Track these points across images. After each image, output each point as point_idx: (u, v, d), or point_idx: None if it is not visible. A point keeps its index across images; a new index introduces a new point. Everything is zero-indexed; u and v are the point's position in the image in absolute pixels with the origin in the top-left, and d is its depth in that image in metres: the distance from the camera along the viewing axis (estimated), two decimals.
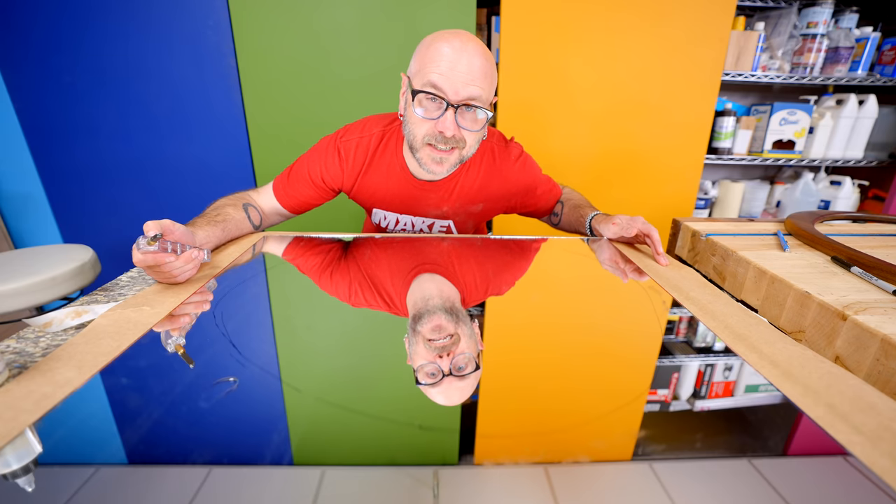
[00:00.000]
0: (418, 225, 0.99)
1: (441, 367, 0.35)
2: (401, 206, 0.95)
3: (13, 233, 1.66)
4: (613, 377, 0.62)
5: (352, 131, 0.91)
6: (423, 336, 0.39)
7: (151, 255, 0.55)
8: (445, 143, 0.77)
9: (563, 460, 0.43)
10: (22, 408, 0.36)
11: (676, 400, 0.64)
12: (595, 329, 0.71)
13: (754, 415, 0.61)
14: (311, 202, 0.95)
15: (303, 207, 0.96)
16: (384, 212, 0.97)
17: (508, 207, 1.02)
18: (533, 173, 0.99)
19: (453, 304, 0.42)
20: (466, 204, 0.95)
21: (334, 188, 0.94)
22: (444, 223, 0.99)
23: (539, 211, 1.06)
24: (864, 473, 0.33)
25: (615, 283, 0.78)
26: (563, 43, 1.54)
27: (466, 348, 0.36)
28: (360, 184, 0.92)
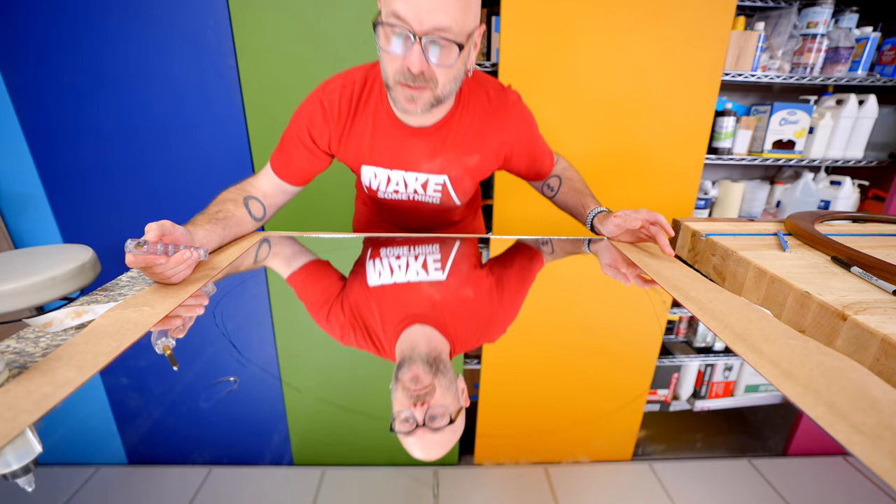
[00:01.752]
0: (411, 184, 0.91)
1: (415, 415, 0.35)
2: (391, 158, 0.87)
3: (13, 233, 1.66)
4: (613, 377, 0.62)
5: (334, 81, 0.85)
6: (402, 383, 0.39)
7: (142, 257, 0.55)
8: (414, 81, 0.70)
9: (563, 460, 0.43)
10: (22, 408, 0.36)
11: (676, 400, 0.64)
12: (595, 329, 0.71)
13: (754, 415, 0.61)
14: (308, 168, 0.90)
15: (302, 176, 0.90)
16: (374, 168, 0.89)
17: (504, 160, 0.94)
18: (531, 124, 0.92)
19: (438, 355, 0.42)
20: (461, 154, 0.88)
21: (324, 149, 0.88)
22: (439, 180, 0.90)
23: (533, 172, 1.00)
24: (864, 473, 0.33)
25: (615, 283, 0.78)
26: (563, 43, 1.54)
27: (442, 400, 0.36)
28: (348, 137, 0.86)
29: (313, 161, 0.89)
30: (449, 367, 0.41)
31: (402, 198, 0.93)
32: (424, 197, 0.93)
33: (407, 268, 0.54)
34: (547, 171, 1.01)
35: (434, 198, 0.93)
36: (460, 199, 0.95)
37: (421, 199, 0.94)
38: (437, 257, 0.59)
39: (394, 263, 0.58)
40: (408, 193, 0.92)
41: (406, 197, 0.93)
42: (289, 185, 0.91)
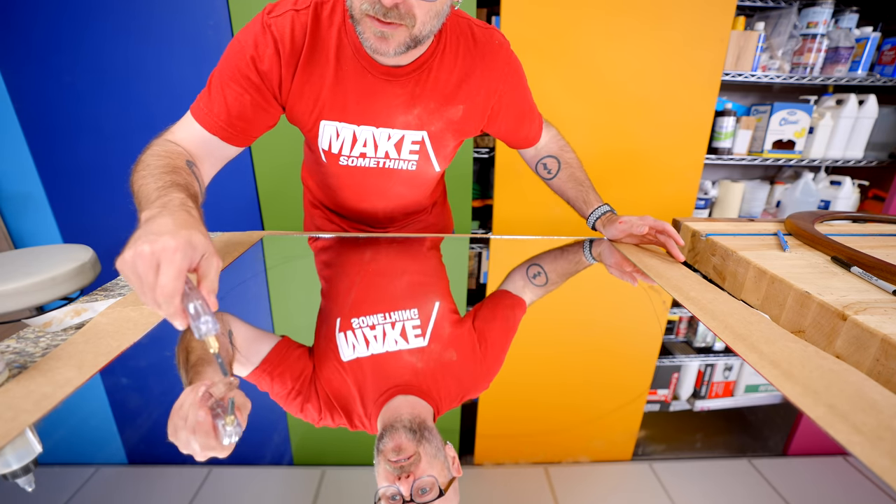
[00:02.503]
0: (382, 145, 0.74)
1: (401, 490, 0.31)
2: (358, 110, 0.70)
3: (13, 233, 1.66)
4: (613, 377, 0.62)
5: (282, 4, 0.66)
6: (384, 455, 0.36)
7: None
8: (386, 15, 0.56)
9: (564, 460, 0.43)
10: (22, 408, 0.36)
11: (676, 400, 0.64)
12: (595, 329, 0.71)
13: (754, 415, 0.61)
14: (252, 116, 0.67)
15: (243, 131, 0.68)
16: (336, 124, 0.71)
17: (490, 115, 0.78)
18: (522, 73, 0.79)
19: (422, 421, 0.39)
20: (443, 104, 0.73)
21: (273, 91, 0.67)
22: (417, 137, 0.74)
23: (521, 137, 0.87)
24: (864, 473, 0.33)
25: (615, 283, 0.78)
26: (563, 43, 1.54)
27: (430, 470, 0.33)
28: (301, 79, 0.67)
29: (259, 106, 0.67)
30: (435, 434, 0.38)
31: (369, 164, 0.76)
32: (398, 162, 0.77)
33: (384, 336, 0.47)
34: (535, 137, 0.88)
35: (409, 162, 0.77)
36: (440, 164, 0.81)
37: (393, 167, 0.77)
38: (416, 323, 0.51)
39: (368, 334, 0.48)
40: (377, 157, 0.75)
41: (375, 163, 0.76)
42: (221, 143, 0.68)
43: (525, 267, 0.85)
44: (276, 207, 1.69)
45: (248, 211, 1.69)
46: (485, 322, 0.56)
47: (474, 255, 1.04)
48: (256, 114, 0.68)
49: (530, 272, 0.82)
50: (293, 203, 1.76)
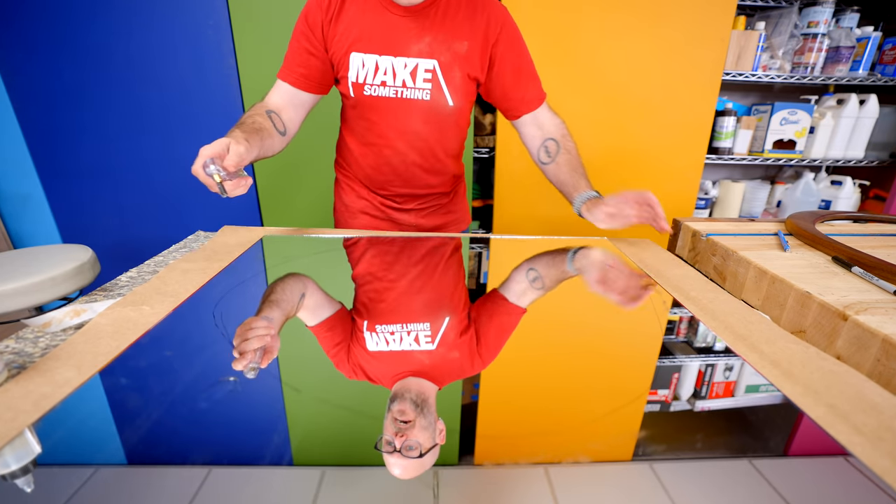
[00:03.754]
0: (400, 73, 0.87)
1: (395, 442, 0.42)
2: (379, 42, 0.85)
3: (12, 233, 1.66)
4: (614, 377, 0.62)
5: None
6: (392, 413, 0.46)
7: (204, 178, 0.70)
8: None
9: (564, 461, 0.43)
10: (21, 408, 0.36)
11: (677, 400, 0.64)
12: (595, 329, 0.71)
13: (755, 415, 0.61)
14: (310, 64, 0.88)
15: (307, 78, 0.89)
16: (363, 56, 0.86)
17: (490, 58, 0.89)
18: (516, 30, 0.91)
19: (425, 399, 0.49)
20: (450, 37, 0.86)
21: (319, 37, 0.86)
22: (429, 65, 0.87)
23: (518, 96, 0.94)
24: (864, 474, 0.33)
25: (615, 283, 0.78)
26: (563, 42, 1.53)
27: (419, 436, 0.43)
28: (337, 21, 0.85)
29: (310, 52, 0.87)
30: (432, 411, 0.47)
31: (389, 94, 0.89)
32: (414, 91, 0.89)
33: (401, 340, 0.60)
34: (533, 101, 0.96)
35: (424, 91, 0.89)
36: (453, 97, 0.90)
37: (410, 96, 0.89)
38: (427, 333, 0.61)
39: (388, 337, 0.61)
40: (395, 86, 0.88)
41: (394, 93, 0.89)
42: (296, 91, 0.89)
43: (524, 270, 0.86)
44: (276, 207, 1.69)
45: (248, 211, 1.69)
46: (482, 327, 0.65)
47: (474, 255, 1.04)
48: (308, 59, 0.87)
49: (529, 276, 0.84)
50: (293, 203, 1.76)
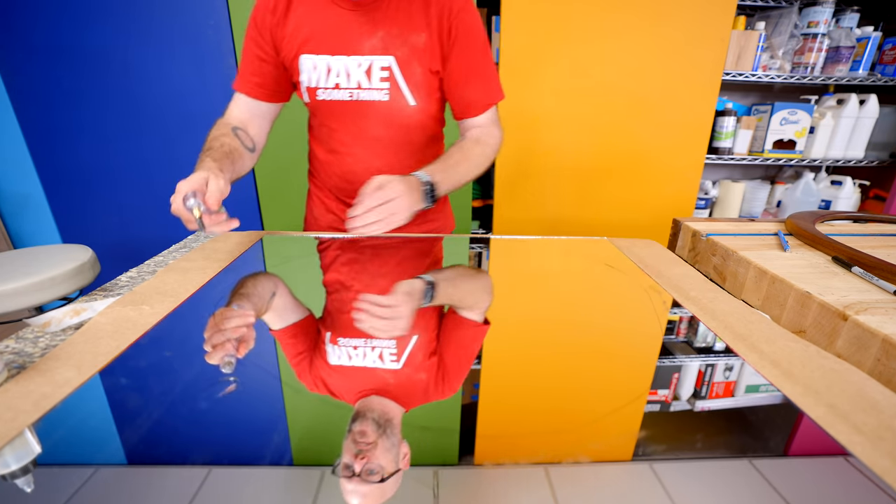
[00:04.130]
0: (354, 73, 0.79)
1: (354, 466, 0.38)
2: (330, 41, 0.78)
3: (12, 233, 1.66)
4: (614, 377, 0.62)
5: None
6: (352, 434, 0.43)
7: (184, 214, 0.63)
8: None
9: (564, 461, 0.43)
10: (21, 408, 0.36)
11: (677, 400, 0.64)
12: (595, 329, 0.71)
13: (755, 415, 0.61)
14: (263, 71, 0.81)
15: (263, 85, 0.82)
16: (313, 58, 0.79)
17: (446, 50, 0.80)
18: (477, 21, 0.80)
19: (389, 419, 0.45)
20: (406, 30, 0.78)
21: (269, 41, 0.79)
22: (385, 62, 0.79)
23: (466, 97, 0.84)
24: (864, 474, 0.33)
25: (615, 283, 0.78)
26: (563, 42, 1.53)
27: (381, 459, 0.39)
28: (285, 22, 0.78)
29: (265, 61, 0.81)
30: (395, 432, 0.44)
31: (344, 97, 0.81)
32: (370, 92, 0.81)
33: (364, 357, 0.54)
34: (479, 104, 0.85)
35: (382, 91, 0.81)
36: (414, 96, 0.82)
37: (367, 98, 0.81)
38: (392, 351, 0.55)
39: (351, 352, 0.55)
40: (350, 88, 0.80)
41: (349, 95, 0.81)
42: (255, 102, 0.84)
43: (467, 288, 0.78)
44: (276, 207, 1.69)
45: (248, 211, 1.69)
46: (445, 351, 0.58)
47: (474, 255, 1.04)
48: (261, 66, 0.81)
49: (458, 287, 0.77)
50: (293, 203, 1.76)
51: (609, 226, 1.77)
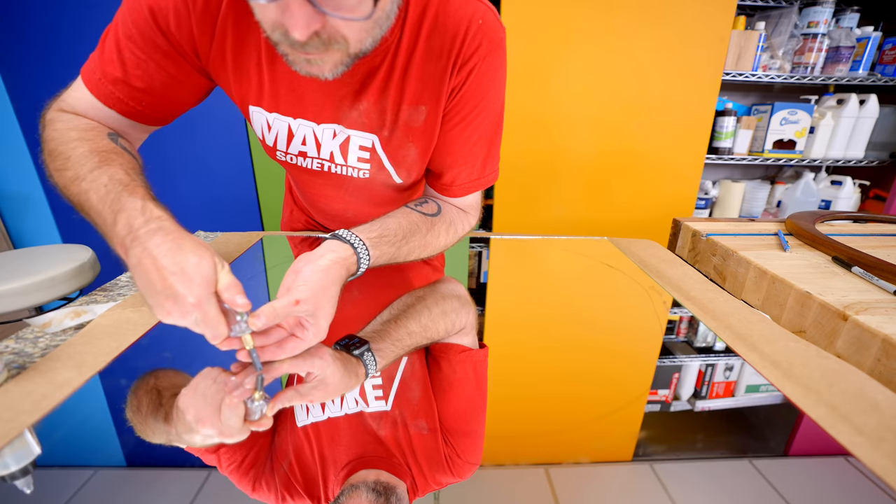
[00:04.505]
0: (327, 144, 0.58)
1: None
2: (291, 99, 0.54)
3: (12, 233, 1.66)
4: (614, 377, 0.62)
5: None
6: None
7: None
8: (305, 47, 0.40)
9: (564, 461, 0.43)
10: (21, 409, 0.36)
11: (677, 400, 0.64)
12: (595, 329, 0.71)
13: (755, 415, 0.61)
14: (159, 89, 0.52)
15: (146, 101, 0.52)
16: (266, 115, 0.56)
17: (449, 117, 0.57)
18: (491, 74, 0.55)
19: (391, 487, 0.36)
20: (401, 101, 0.55)
21: (187, 53, 0.51)
22: (366, 141, 0.57)
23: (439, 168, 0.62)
24: (865, 474, 0.33)
25: (615, 284, 0.78)
26: (563, 43, 1.53)
27: None
28: (219, 43, 0.51)
29: (168, 72, 0.51)
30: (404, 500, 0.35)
31: (311, 165, 0.60)
32: (346, 168, 0.60)
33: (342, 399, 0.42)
34: (453, 186, 0.63)
35: (360, 170, 0.60)
36: (402, 176, 0.62)
37: (340, 172, 0.61)
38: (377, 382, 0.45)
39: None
40: (321, 159, 0.59)
41: (318, 165, 0.60)
42: (132, 124, 0.54)
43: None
44: (276, 207, 1.69)
45: (248, 211, 1.69)
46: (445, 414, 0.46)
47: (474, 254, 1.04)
48: (169, 88, 0.53)
49: None
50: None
51: (609, 225, 1.77)
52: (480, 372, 0.54)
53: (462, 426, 0.45)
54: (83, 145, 0.46)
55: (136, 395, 0.44)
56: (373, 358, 0.46)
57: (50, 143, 0.47)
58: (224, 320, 0.37)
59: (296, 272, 0.43)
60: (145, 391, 0.44)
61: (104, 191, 0.41)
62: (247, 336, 0.39)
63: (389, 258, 0.54)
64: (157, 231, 0.38)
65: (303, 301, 0.40)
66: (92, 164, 0.44)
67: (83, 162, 0.44)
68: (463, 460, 0.41)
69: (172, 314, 0.37)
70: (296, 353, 0.42)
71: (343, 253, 0.47)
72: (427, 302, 0.61)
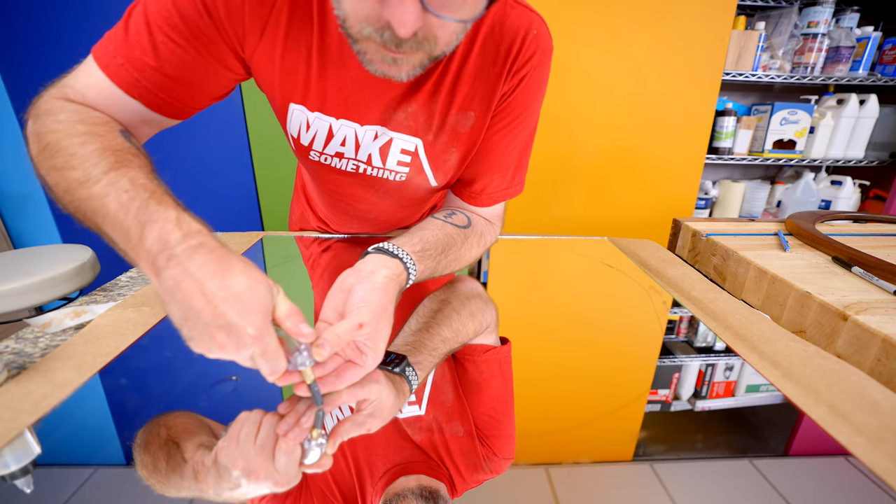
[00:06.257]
0: (366, 146, 0.57)
1: None
2: (337, 99, 0.53)
3: (12, 233, 1.66)
4: (614, 377, 0.62)
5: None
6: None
7: None
8: (400, 46, 0.39)
9: (564, 461, 0.43)
10: (21, 408, 0.36)
11: (677, 400, 0.64)
12: (595, 329, 0.71)
13: (755, 415, 0.61)
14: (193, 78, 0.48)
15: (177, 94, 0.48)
16: (307, 114, 0.54)
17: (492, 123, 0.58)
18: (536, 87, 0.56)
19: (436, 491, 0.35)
20: (449, 107, 0.54)
21: (233, 43, 0.48)
22: (409, 145, 0.57)
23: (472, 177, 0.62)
24: (865, 474, 0.33)
25: (615, 284, 0.78)
26: (564, 43, 1.53)
27: None
28: (271, 37, 0.48)
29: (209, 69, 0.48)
30: None
31: (346, 167, 0.59)
32: (382, 171, 0.59)
33: None
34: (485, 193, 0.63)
35: (398, 173, 0.60)
36: (439, 179, 0.62)
37: (377, 175, 0.60)
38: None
39: None
40: (357, 160, 0.58)
41: (354, 167, 0.59)
42: (151, 115, 0.50)
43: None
44: (276, 207, 1.69)
45: (248, 211, 1.69)
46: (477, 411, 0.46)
47: None
48: (202, 77, 0.48)
49: None
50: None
51: (609, 225, 1.77)
52: (506, 368, 0.54)
53: (496, 427, 0.45)
54: (94, 141, 0.39)
55: (148, 451, 0.38)
56: (414, 372, 0.44)
57: (47, 135, 0.42)
58: (284, 352, 0.34)
59: (345, 291, 0.40)
60: (159, 446, 0.39)
61: (126, 197, 0.35)
62: (308, 369, 0.35)
63: (430, 273, 0.51)
64: (198, 248, 0.32)
65: (365, 324, 0.37)
66: (106, 164, 0.37)
67: (95, 161, 0.38)
68: (499, 457, 0.41)
69: (226, 348, 0.31)
70: (355, 381, 0.39)
71: (395, 269, 0.44)
72: (453, 305, 0.58)
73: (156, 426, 0.41)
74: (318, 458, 0.34)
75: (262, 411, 0.37)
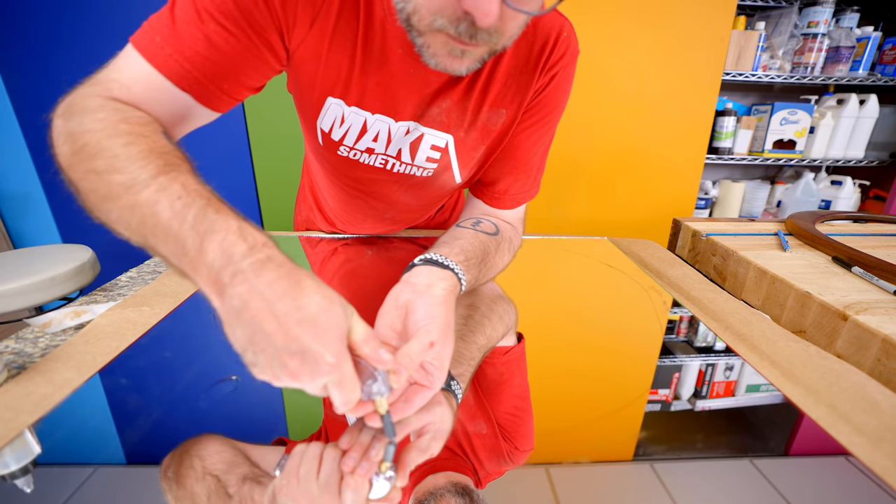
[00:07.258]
0: (397, 140, 0.57)
1: None
2: (376, 94, 0.53)
3: (12, 233, 1.66)
4: (614, 377, 0.62)
5: None
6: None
7: None
8: (473, 37, 0.39)
9: (565, 461, 0.43)
10: (21, 408, 0.36)
11: (677, 400, 0.64)
12: (595, 329, 0.71)
13: (755, 415, 0.61)
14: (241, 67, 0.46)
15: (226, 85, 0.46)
16: (344, 108, 0.54)
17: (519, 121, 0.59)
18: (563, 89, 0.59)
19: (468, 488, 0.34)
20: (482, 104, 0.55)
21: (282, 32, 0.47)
22: (440, 140, 0.57)
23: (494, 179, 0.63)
24: (865, 474, 0.33)
25: (616, 284, 0.78)
26: None
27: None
28: (318, 32, 0.48)
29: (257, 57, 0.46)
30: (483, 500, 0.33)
31: (375, 163, 0.60)
32: (410, 167, 0.60)
33: None
34: (516, 199, 0.64)
35: (426, 169, 0.61)
36: (463, 175, 0.63)
37: (404, 171, 0.61)
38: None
39: None
40: (387, 155, 0.59)
41: (382, 162, 0.59)
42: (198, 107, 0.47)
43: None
44: (276, 207, 1.69)
45: (249, 211, 1.69)
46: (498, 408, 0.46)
47: None
48: (252, 67, 0.46)
49: None
50: (293, 203, 1.76)
51: (609, 225, 1.77)
52: (523, 366, 0.54)
53: (518, 424, 0.45)
54: (139, 142, 0.36)
55: (183, 486, 0.36)
56: (458, 385, 0.42)
57: (84, 135, 0.37)
58: (359, 381, 0.31)
59: (401, 308, 0.38)
60: (196, 480, 0.36)
61: (180, 204, 0.32)
62: (382, 399, 0.31)
63: (473, 283, 0.49)
64: (265, 263, 0.29)
65: (435, 342, 0.35)
66: (154, 167, 0.34)
67: (142, 163, 0.34)
68: (521, 451, 0.42)
69: (300, 377, 0.28)
70: (423, 405, 0.35)
71: (451, 280, 0.42)
72: (482, 310, 0.56)
73: (187, 457, 0.38)
74: (387, 492, 0.32)
75: (320, 444, 0.34)
